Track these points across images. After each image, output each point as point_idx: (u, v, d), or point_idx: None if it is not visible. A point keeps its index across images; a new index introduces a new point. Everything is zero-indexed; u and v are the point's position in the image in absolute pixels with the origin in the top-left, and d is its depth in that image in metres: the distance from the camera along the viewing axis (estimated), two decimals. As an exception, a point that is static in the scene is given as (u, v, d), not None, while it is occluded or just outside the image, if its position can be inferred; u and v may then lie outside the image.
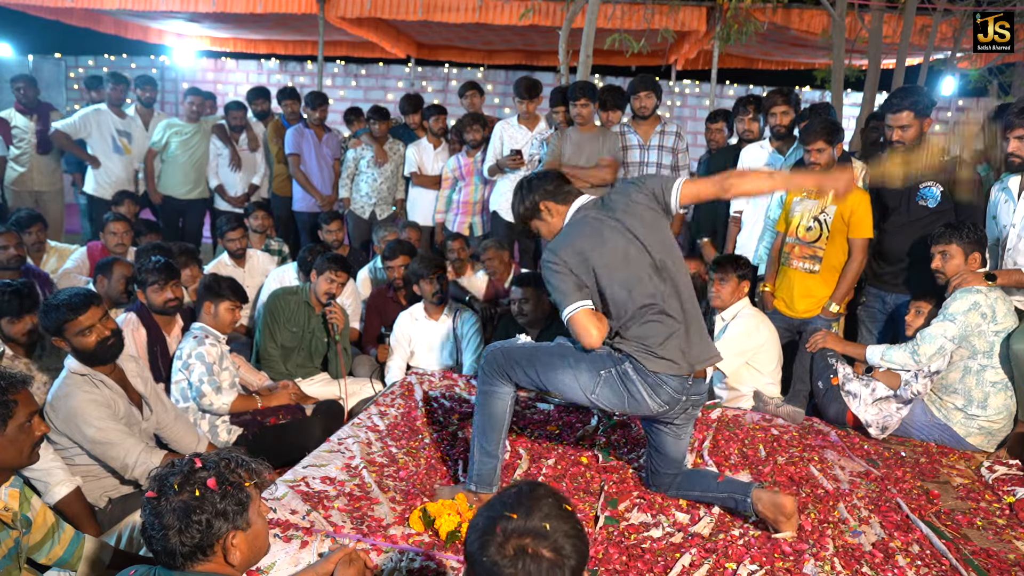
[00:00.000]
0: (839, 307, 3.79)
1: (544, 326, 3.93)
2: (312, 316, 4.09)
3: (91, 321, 2.63)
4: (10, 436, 1.97)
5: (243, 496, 1.60)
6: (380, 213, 5.95)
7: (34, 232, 4.67)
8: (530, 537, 1.30)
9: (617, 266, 2.36)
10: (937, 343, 3.21)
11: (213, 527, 1.54)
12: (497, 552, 1.29)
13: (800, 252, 3.82)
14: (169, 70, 11.94)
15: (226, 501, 1.57)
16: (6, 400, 1.95)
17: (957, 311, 3.19)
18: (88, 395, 2.62)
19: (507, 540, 1.30)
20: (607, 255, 2.37)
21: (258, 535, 1.65)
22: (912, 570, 2.26)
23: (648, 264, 2.38)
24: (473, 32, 9.27)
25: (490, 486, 2.53)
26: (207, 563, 1.57)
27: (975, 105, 10.86)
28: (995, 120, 4.02)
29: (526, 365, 2.48)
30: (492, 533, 1.31)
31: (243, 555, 1.61)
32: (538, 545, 1.29)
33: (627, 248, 2.38)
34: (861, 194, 3.72)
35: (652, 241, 2.40)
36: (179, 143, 5.98)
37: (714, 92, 8.56)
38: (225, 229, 4.95)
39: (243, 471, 1.63)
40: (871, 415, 3.31)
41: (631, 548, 2.32)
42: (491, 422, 2.51)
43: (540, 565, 1.28)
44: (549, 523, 1.31)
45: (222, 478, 1.58)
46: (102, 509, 2.66)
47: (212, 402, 3.30)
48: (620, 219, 2.41)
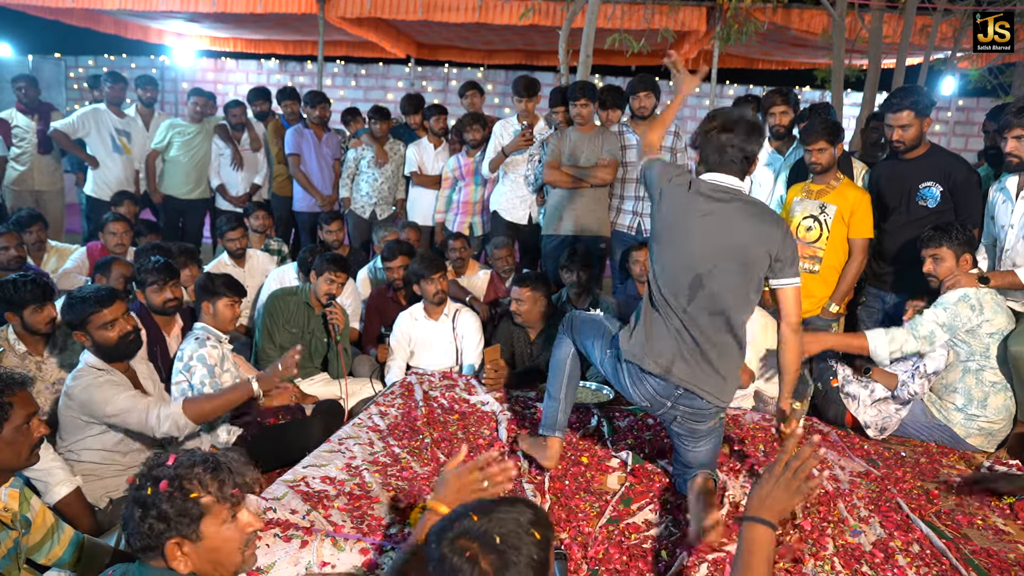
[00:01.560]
0: (839, 307, 3.79)
1: (543, 327, 3.93)
2: (312, 317, 4.09)
3: (115, 315, 2.70)
4: (7, 438, 1.95)
5: (189, 506, 1.52)
6: (380, 213, 5.95)
7: (34, 231, 4.68)
8: (477, 543, 1.30)
9: (674, 238, 2.38)
10: (929, 326, 3.22)
11: (154, 529, 1.50)
12: (446, 544, 1.31)
13: (800, 252, 3.81)
14: (169, 70, 11.95)
15: (170, 506, 1.50)
16: (1, 403, 1.93)
17: (947, 301, 3.21)
18: (104, 377, 2.67)
19: (456, 537, 1.31)
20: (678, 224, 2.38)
21: (217, 550, 1.55)
22: (912, 570, 2.26)
23: (696, 265, 2.34)
24: (473, 32, 9.27)
25: (553, 429, 2.72)
26: (159, 561, 1.53)
27: (975, 105, 10.88)
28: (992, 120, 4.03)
29: (575, 328, 2.72)
30: (450, 527, 1.34)
31: (197, 567, 1.54)
32: (482, 551, 1.29)
33: (699, 236, 2.34)
34: (861, 194, 3.73)
35: (722, 258, 2.32)
36: (182, 143, 5.99)
37: (714, 92, 8.56)
38: (225, 229, 4.96)
39: (210, 480, 1.55)
40: (870, 416, 3.32)
41: (631, 548, 2.32)
42: (555, 366, 2.74)
43: (472, 571, 1.28)
44: (502, 538, 1.30)
45: (175, 482, 1.52)
46: (102, 509, 2.67)
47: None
48: (728, 215, 2.34)
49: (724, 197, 2.37)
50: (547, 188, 4.94)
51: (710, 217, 2.35)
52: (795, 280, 2.45)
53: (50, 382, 3.13)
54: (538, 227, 5.18)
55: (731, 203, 2.36)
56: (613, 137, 4.75)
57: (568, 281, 4.31)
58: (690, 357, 2.38)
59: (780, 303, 2.49)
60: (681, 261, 2.36)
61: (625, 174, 4.83)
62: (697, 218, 2.35)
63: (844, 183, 3.77)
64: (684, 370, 2.38)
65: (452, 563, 1.29)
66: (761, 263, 2.37)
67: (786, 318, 2.50)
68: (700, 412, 2.44)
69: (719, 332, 2.38)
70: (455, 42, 10.71)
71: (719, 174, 2.40)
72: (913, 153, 3.61)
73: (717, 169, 2.40)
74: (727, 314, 2.36)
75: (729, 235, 2.33)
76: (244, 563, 1.61)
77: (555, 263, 4.69)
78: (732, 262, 2.34)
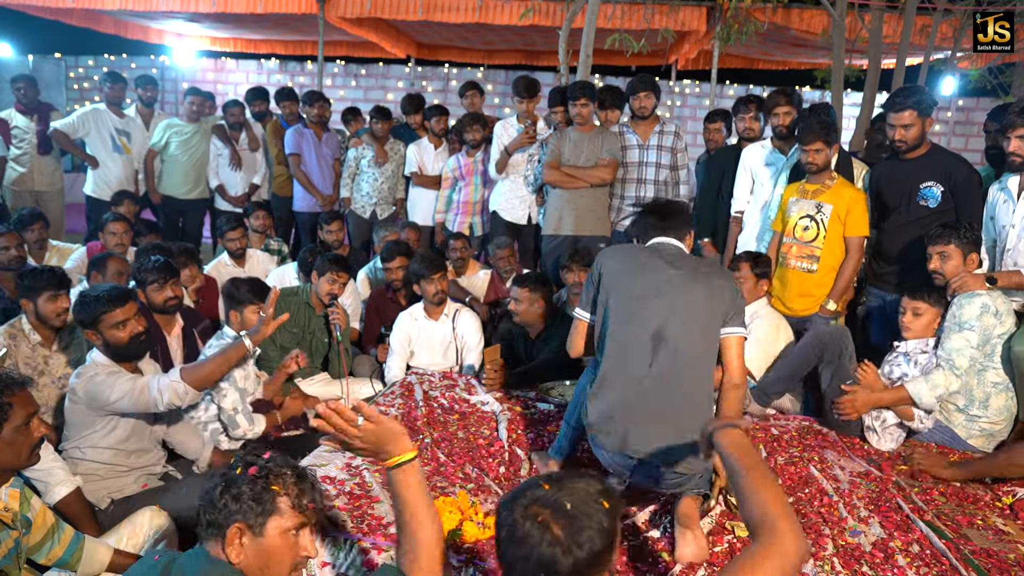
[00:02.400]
0: (837, 305, 3.79)
1: (543, 327, 3.92)
2: (312, 317, 4.09)
3: (127, 315, 2.69)
4: (7, 438, 1.96)
5: (266, 496, 1.58)
6: (381, 213, 5.95)
7: (36, 230, 4.69)
8: (549, 509, 1.32)
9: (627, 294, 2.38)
10: (967, 354, 3.12)
11: (228, 508, 1.56)
12: (518, 511, 1.34)
13: (798, 252, 3.82)
14: (169, 70, 11.95)
15: (250, 490, 1.57)
16: (1, 403, 1.94)
17: (971, 317, 3.13)
18: (109, 369, 2.66)
19: (529, 504, 1.34)
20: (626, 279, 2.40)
21: (270, 555, 1.58)
22: (912, 570, 2.26)
23: (651, 324, 2.32)
24: (473, 32, 9.27)
25: (560, 454, 2.75)
26: (217, 546, 1.58)
27: (975, 105, 10.88)
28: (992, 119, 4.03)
29: None
30: (522, 495, 1.37)
31: (246, 562, 1.57)
32: (553, 518, 1.31)
33: (650, 291, 2.35)
34: (857, 193, 3.73)
35: (678, 317, 2.32)
36: (179, 143, 5.98)
37: (714, 92, 8.56)
38: (225, 229, 4.96)
39: (293, 485, 1.62)
40: (888, 443, 3.25)
41: (631, 548, 2.32)
42: (574, 397, 2.73)
43: (543, 535, 1.30)
44: (573, 505, 1.32)
45: (263, 471, 1.60)
46: (103, 509, 2.66)
47: (246, 432, 3.24)
48: (675, 272, 2.37)
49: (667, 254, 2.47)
50: (547, 188, 4.94)
51: (665, 270, 2.41)
52: (742, 333, 2.44)
53: (56, 376, 3.15)
54: (538, 227, 5.19)
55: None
56: (613, 137, 4.74)
57: (568, 281, 4.31)
58: (642, 417, 2.32)
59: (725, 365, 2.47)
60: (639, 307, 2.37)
61: (625, 174, 4.83)
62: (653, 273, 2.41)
63: (839, 182, 3.77)
64: (643, 433, 2.30)
65: (524, 529, 1.32)
66: (713, 317, 2.40)
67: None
68: (667, 482, 2.35)
69: (682, 381, 2.34)
70: (455, 42, 10.71)
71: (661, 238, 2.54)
72: (914, 153, 3.61)
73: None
74: (686, 360, 2.35)
75: (683, 284, 2.38)
76: None
77: (555, 263, 4.69)
78: (685, 315, 2.36)
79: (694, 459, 2.26)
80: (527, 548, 1.31)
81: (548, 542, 1.30)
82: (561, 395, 3.51)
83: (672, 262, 2.41)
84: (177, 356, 3.66)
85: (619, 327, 2.36)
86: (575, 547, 1.30)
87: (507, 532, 1.35)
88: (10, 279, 3.99)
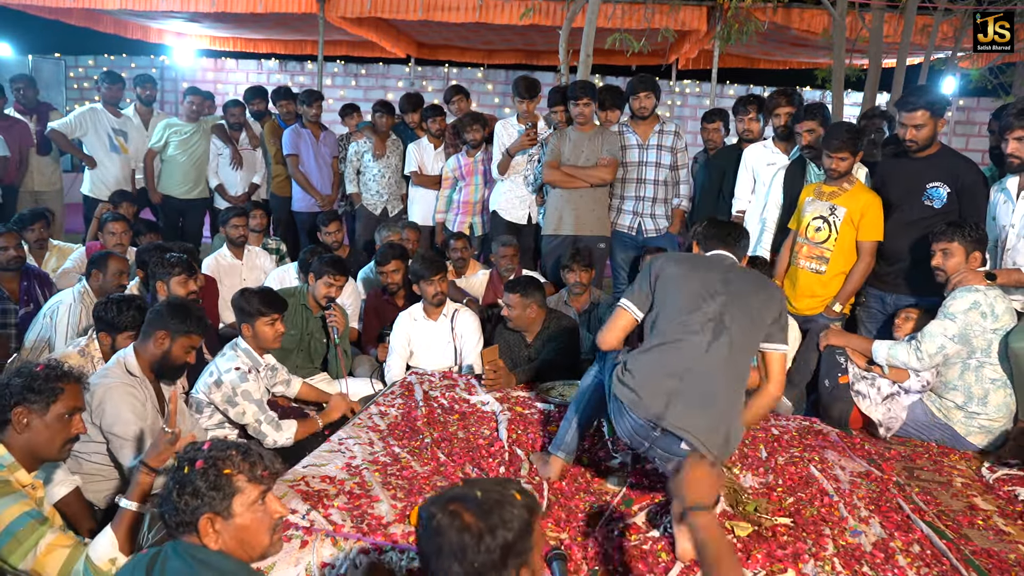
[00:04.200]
0: (843, 307, 3.79)
1: (539, 329, 3.91)
2: (310, 318, 4.09)
3: (195, 345, 2.76)
4: (48, 421, 2.05)
5: (221, 482, 1.62)
6: (392, 209, 5.94)
7: (36, 229, 4.69)
8: (460, 501, 1.36)
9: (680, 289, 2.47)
10: (938, 341, 3.21)
11: (189, 505, 1.60)
12: (435, 507, 1.38)
13: (808, 252, 3.82)
14: (169, 70, 11.95)
15: (204, 482, 1.61)
16: (53, 386, 2.05)
17: (957, 310, 3.19)
18: (128, 389, 2.65)
19: (444, 500, 1.38)
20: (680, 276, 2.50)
21: (246, 529, 1.65)
22: (913, 570, 2.25)
23: (710, 310, 2.42)
24: (473, 32, 9.27)
25: (559, 448, 2.74)
26: (193, 538, 1.62)
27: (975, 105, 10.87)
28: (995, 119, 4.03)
29: (605, 361, 2.70)
30: (441, 495, 1.41)
31: (226, 545, 1.62)
32: (464, 508, 1.35)
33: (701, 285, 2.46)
34: (872, 197, 3.71)
35: (737, 311, 2.42)
36: (178, 143, 5.98)
37: (714, 92, 8.56)
38: (229, 216, 4.96)
39: (242, 461, 1.67)
40: (880, 414, 3.31)
41: (631, 548, 2.32)
42: (578, 393, 2.79)
43: (453, 522, 1.34)
44: (483, 494, 1.36)
45: (210, 461, 1.64)
46: (103, 510, 2.66)
47: (276, 440, 3.19)
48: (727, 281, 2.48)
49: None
50: (547, 188, 4.94)
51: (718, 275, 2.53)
52: (785, 348, 2.54)
53: None
54: (538, 227, 5.18)
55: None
56: (613, 137, 4.74)
57: (568, 281, 4.31)
58: (687, 398, 2.37)
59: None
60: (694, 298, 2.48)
61: (625, 174, 4.83)
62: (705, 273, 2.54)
63: (857, 186, 3.76)
64: (682, 412, 2.36)
65: (437, 521, 1.35)
66: (761, 324, 2.50)
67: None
68: (674, 456, 2.39)
69: (730, 368, 2.43)
70: (455, 42, 10.71)
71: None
72: (923, 152, 3.60)
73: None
74: (737, 349, 2.44)
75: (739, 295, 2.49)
76: (271, 546, 1.71)
77: (555, 263, 4.69)
78: (743, 314, 2.47)
79: (718, 442, 2.34)
80: (439, 539, 1.34)
81: (458, 528, 1.33)
82: (561, 395, 3.51)
83: (731, 268, 2.57)
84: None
85: (680, 313, 2.45)
86: (486, 534, 1.32)
87: (423, 527, 1.38)
88: (10, 278, 4.00)
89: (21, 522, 1.90)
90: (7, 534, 1.88)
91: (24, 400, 2.04)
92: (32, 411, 2.05)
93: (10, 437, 2.04)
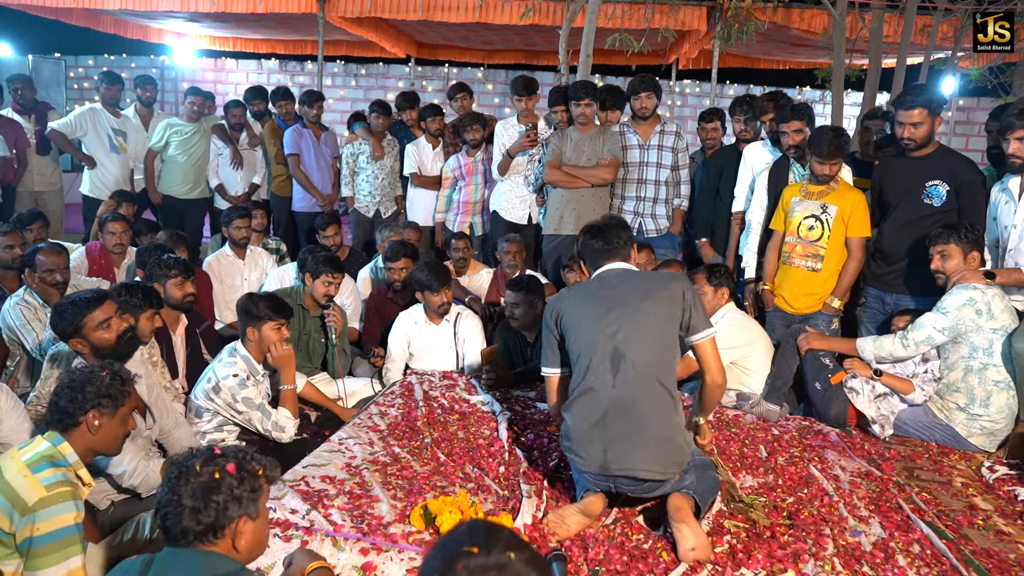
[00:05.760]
0: (840, 303, 3.81)
1: (539, 331, 3.91)
2: (308, 318, 4.08)
3: (108, 315, 2.71)
4: (116, 421, 2.21)
5: (256, 484, 1.65)
6: (384, 211, 5.93)
7: (35, 230, 4.68)
8: (495, 571, 1.18)
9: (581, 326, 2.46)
10: (926, 332, 3.24)
11: (228, 510, 1.60)
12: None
13: (802, 251, 3.83)
14: (169, 70, 11.94)
15: (242, 487, 1.62)
16: (124, 390, 2.23)
17: (951, 305, 3.21)
18: None
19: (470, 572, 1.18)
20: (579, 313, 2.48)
21: (263, 528, 1.70)
22: (913, 570, 2.26)
23: (608, 345, 2.40)
24: (473, 32, 9.27)
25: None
26: (214, 545, 1.61)
27: (975, 105, 10.87)
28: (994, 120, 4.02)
29: None
30: (453, 571, 1.19)
31: (248, 543, 1.65)
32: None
33: (599, 318, 2.43)
34: (859, 195, 3.78)
35: (630, 332, 2.39)
36: (179, 143, 5.98)
37: (714, 92, 8.56)
38: (232, 216, 4.96)
39: (256, 463, 1.69)
40: (873, 411, 3.32)
41: (632, 549, 2.32)
42: None
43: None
44: (513, 552, 1.21)
45: (240, 465, 1.65)
46: (103, 511, 2.66)
47: (282, 438, 3.20)
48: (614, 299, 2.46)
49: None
50: (547, 188, 4.93)
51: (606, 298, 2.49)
52: (712, 332, 2.51)
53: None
54: (538, 227, 5.18)
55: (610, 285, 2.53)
56: (614, 137, 4.74)
57: (569, 281, 4.31)
58: (621, 436, 2.37)
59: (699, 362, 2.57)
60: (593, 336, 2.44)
61: (626, 174, 4.83)
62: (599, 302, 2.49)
63: (843, 185, 3.83)
64: (622, 452, 2.36)
65: None
66: (671, 325, 2.47)
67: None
68: (645, 491, 2.43)
69: (646, 392, 2.40)
70: (455, 42, 10.71)
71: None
72: (922, 151, 3.60)
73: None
74: (646, 371, 2.40)
75: (631, 306, 2.46)
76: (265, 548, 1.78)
77: (555, 263, 4.69)
78: (639, 330, 2.43)
79: (668, 461, 2.36)
80: None
81: None
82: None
83: (618, 283, 2.51)
84: (180, 354, 3.66)
85: (581, 356, 2.45)
86: None
87: None
88: (11, 277, 3.99)
89: (68, 531, 1.95)
90: (53, 536, 1.93)
91: (99, 405, 2.17)
92: (103, 414, 2.18)
93: (77, 437, 2.15)
